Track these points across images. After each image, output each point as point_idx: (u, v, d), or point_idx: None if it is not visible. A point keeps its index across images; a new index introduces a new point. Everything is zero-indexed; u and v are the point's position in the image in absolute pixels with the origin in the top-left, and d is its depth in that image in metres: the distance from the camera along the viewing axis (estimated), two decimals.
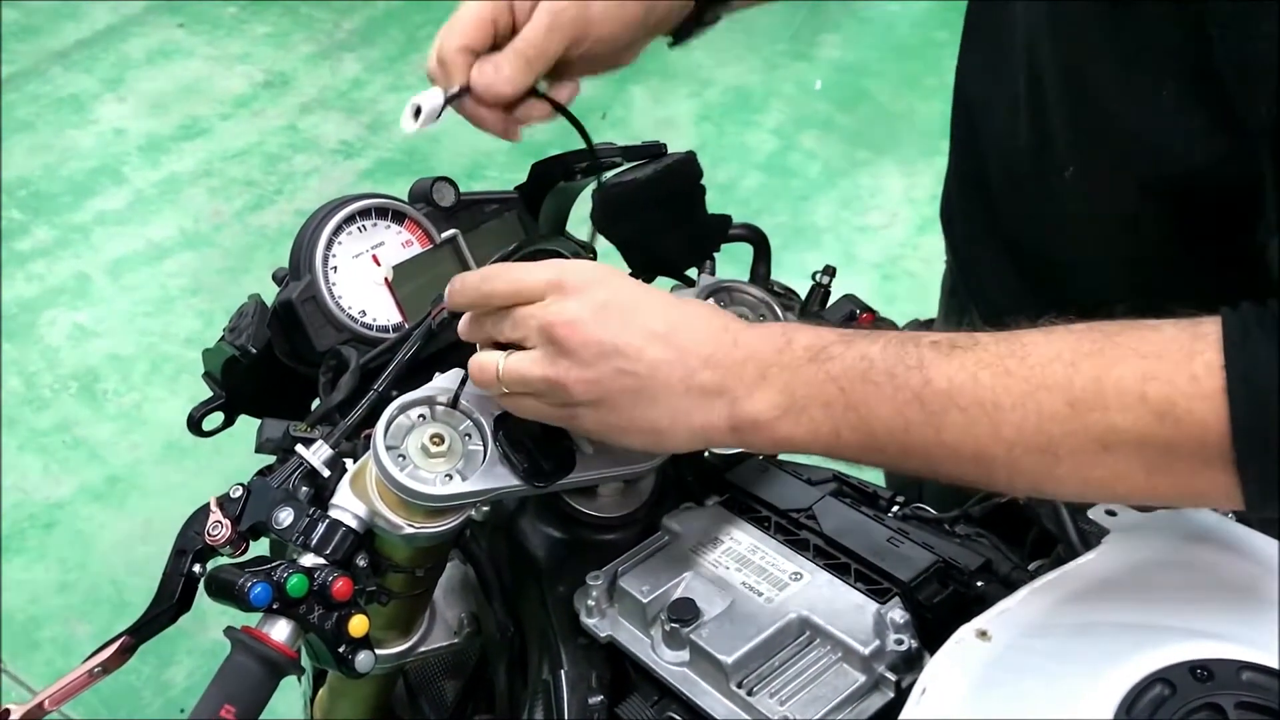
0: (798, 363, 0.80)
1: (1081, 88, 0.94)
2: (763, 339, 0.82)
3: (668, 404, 0.82)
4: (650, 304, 0.83)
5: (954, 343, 0.78)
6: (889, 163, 3.55)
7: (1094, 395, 0.73)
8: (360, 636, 0.88)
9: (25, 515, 2.58)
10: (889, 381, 0.78)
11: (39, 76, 3.88)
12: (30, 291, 3.13)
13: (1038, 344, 0.76)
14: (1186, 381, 0.71)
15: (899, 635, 0.85)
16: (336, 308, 1.04)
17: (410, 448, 0.89)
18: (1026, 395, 0.75)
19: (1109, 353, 0.74)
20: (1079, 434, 0.74)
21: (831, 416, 0.80)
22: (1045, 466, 0.76)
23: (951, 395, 0.76)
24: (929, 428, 0.77)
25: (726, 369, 0.81)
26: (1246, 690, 0.70)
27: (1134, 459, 0.74)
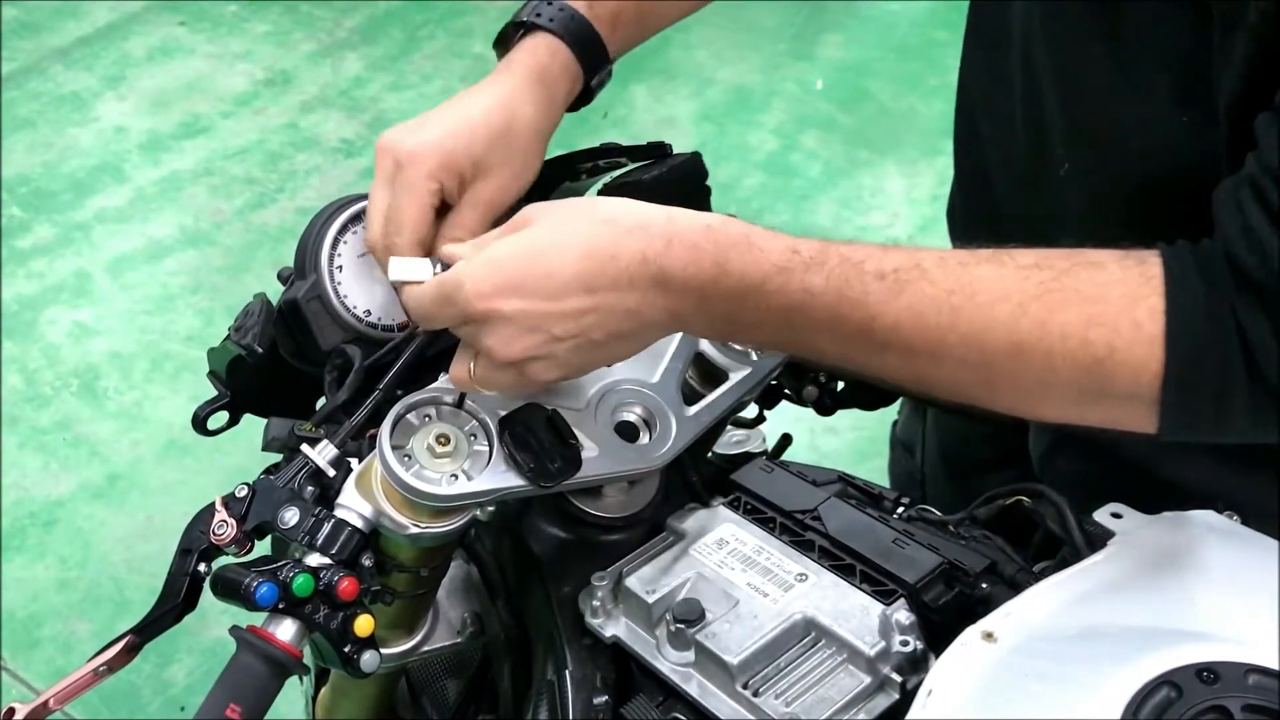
0: (737, 294, 0.80)
1: (1075, 86, 0.94)
2: (694, 267, 0.80)
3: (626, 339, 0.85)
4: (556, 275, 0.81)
5: (899, 275, 0.78)
6: (890, 163, 3.55)
7: (1038, 340, 0.76)
8: (366, 636, 0.88)
9: (26, 513, 2.58)
10: (832, 317, 0.79)
11: (40, 74, 3.88)
12: (31, 289, 3.13)
13: (985, 281, 0.77)
14: (1130, 327, 0.74)
15: (904, 637, 0.85)
16: (342, 307, 1.04)
17: (416, 447, 0.89)
18: (971, 336, 0.77)
19: (1055, 294, 0.76)
20: (1020, 372, 0.77)
21: (777, 340, 0.84)
22: (983, 395, 0.81)
23: (897, 332, 0.78)
24: (872, 357, 0.81)
25: (667, 302, 0.82)
26: (1253, 693, 0.70)
27: (1069, 394, 0.78)
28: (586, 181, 1.13)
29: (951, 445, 1.34)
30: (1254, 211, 0.74)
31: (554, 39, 1.02)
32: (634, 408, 0.97)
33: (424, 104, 3.77)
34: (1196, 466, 0.95)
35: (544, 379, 0.86)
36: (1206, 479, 0.90)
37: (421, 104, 3.78)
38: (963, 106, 1.15)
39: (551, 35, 1.02)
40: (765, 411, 1.16)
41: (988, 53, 1.08)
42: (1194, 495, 0.88)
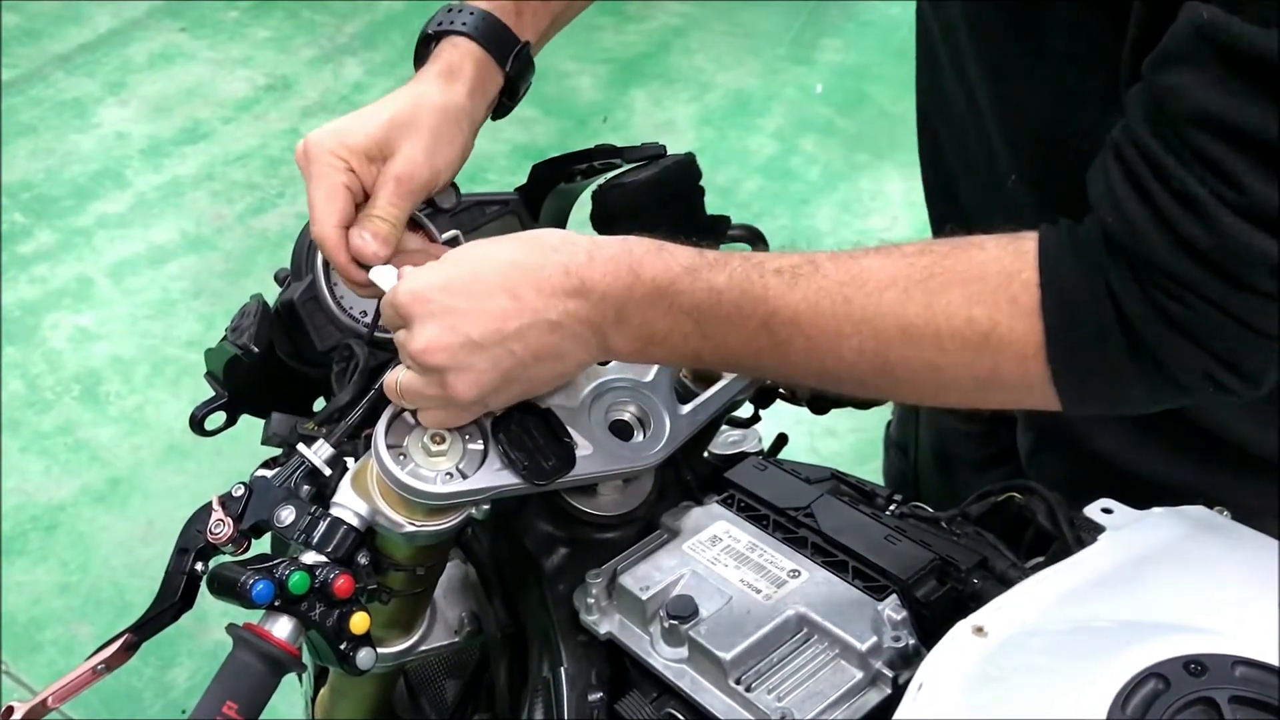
0: (650, 299, 0.83)
1: (1007, 95, 0.96)
2: (611, 277, 0.83)
3: (550, 358, 0.86)
4: (483, 279, 0.84)
5: (796, 270, 0.81)
6: (889, 166, 3.56)
7: (925, 322, 0.78)
8: (361, 634, 0.89)
9: (27, 517, 2.58)
10: (737, 313, 0.82)
11: (41, 80, 3.89)
12: (33, 294, 3.14)
13: (874, 270, 0.80)
14: (1007, 302, 0.76)
15: (896, 632, 0.85)
16: (338, 308, 1.04)
17: (411, 446, 0.89)
18: (864, 322, 0.79)
19: (939, 277, 0.78)
20: (912, 358, 0.79)
21: (689, 343, 0.84)
22: (884, 383, 0.84)
23: (796, 324, 0.81)
24: (777, 352, 0.82)
25: (588, 314, 0.84)
26: (1240, 685, 0.70)
27: (963, 376, 0.79)
28: (581, 183, 1.14)
29: (943, 446, 1.35)
30: (1116, 177, 0.75)
31: (458, 37, 1.05)
32: (628, 406, 0.98)
33: None
34: (1181, 466, 0.96)
35: (462, 395, 0.85)
36: (1190, 479, 0.91)
37: None
38: (921, 122, 1.16)
39: (456, 35, 1.05)
40: (760, 411, 1.17)
41: (930, 64, 1.09)
42: (1177, 494, 0.88)
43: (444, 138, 1.01)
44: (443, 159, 1.01)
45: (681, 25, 4.11)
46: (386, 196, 0.97)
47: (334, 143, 0.97)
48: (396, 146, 0.99)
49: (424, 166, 0.99)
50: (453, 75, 1.03)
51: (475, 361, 0.84)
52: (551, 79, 3.89)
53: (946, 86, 1.04)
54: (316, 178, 0.97)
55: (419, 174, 0.99)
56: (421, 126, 1.00)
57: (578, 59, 3.93)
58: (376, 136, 0.98)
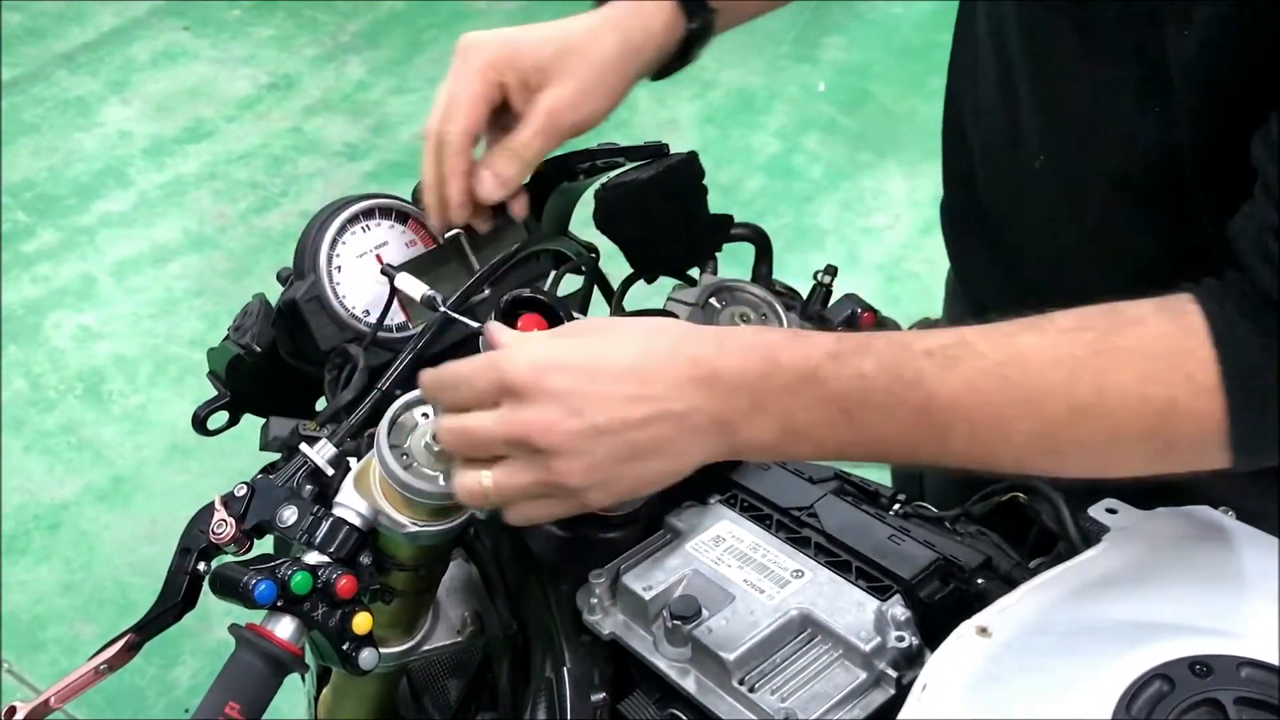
0: (790, 388, 0.78)
1: (1049, 81, 0.95)
2: (745, 366, 0.78)
3: (668, 454, 0.80)
4: (610, 362, 0.78)
5: (948, 352, 0.77)
6: (892, 164, 3.56)
7: (1097, 401, 0.75)
8: (364, 634, 0.88)
9: (30, 516, 2.59)
10: (889, 400, 0.77)
11: (44, 79, 3.89)
12: (36, 293, 3.14)
13: (1034, 350, 0.77)
14: (1183, 380, 0.74)
15: (900, 632, 0.85)
16: (340, 307, 1.04)
17: (414, 446, 0.89)
18: (1030, 403, 0.76)
19: (1105, 355, 0.76)
20: (1085, 437, 0.77)
21: (835, 436, 0.79)
22: (1053, 463, 0.80)
23: (956, 408, 0.77)
24: (936, 440, 0.78)
25: (717, 407, 0.78)
26: (1245, 686, 0.70)
27: (1138, 452, 0.77)
28: (584, 182, 1.14)
29: None
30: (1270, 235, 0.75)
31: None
32: None
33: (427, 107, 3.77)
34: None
35: (570, 481, 0.78)
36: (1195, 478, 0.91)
37: (424, 107, 3.77)
38: (948, 105, 1.16)
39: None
40: None
41: (969, 50, 1.09)
42: (1182, 493, 0.88)
43: (603, 84, 0.98)
44: (594, 105, 0.98)
45: None
46: (533, 130, 0.95)
47: (497, 52, 0.95)
48: (554, 79, 0.95)
49: (576, 109, 0.97)
50: (638, 18, 0.99)
51: (593, 449, 0.77)
52: None
53: (981, 67, 1.03)
54: (464, 78, 0.94)
55: (569, 116, 0.96)
56: (585, 65, 0.96)
57: None
58: (541, 62, 0.95)
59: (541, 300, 0.97)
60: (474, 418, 0.79)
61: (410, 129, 3.71)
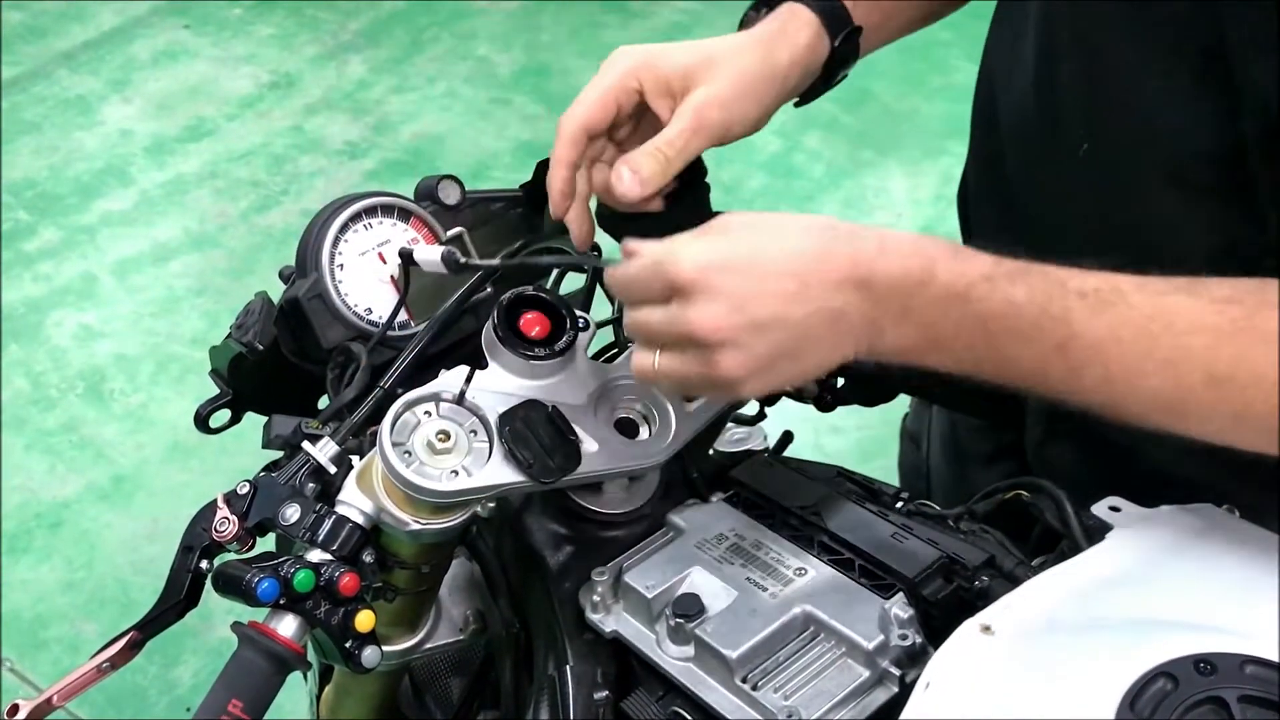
0: (941, 301, 0.81)
1: (1098, 66, 0.94)
2: (903, 272, 0.81)
3: (821, 350, 0.83)
4: (772, 261, 0.81)
5: (1101, 296, 0.80)
6: (893, 163, 3.56)
7: (1233, 375, 0.78)
8: (366, 632, 0.88)
9: (32, 515, 2.59)
10: (1034, 331, 0.80)
11: (45, 78, 3.89)
12: (37, 292, 3.14)
13: (1183, 312, 0.79)
14: None
15: (903, 630, 0.85)
16: (343, 305, 1.04)
17: (416, 444, 0.89)
18: (1167, 363, 0.79)
19: (1248, 333, 0.78)
20: (1213, 406, 0.79)
21: (974, 354, 0.82)
22: (1175, 423, 0.81)
23: (1096, 351, 0.79)
24: (1069, 377, 0.81)
25: (870, 308, 0.81)
26: (1250, 684, 0.70)
27: (1260, 430, 0.79)
28: None
29: (954, 437, 1.35)
30: None
31: (798, 5, 1.01)
32: (634, 404, 0.98)
33: (428, 106, 3.81)
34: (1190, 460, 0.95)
35: (731, 374, 0.81)
36: (1199, 472, 0.91)
37: (425, 106, 3.80)
38: (982, 83, 1.14)
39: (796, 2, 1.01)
40: (766, 409, 1.16)
41: (1010, 29, 1.07)
42: (1187, 488, 0.88)
43: (751, 94, 0.98)
44: (741, 112, 0.98)
45: (686, 22, 4.11)
46: (679, 128, 0.94)
47: (641, 58, 0.96)
48: (700, 83, 0.95)
49: (725, 107, 0.96)
50: (783, 37, 1.00)
51: (753, 343, 0.80)
52: (557, 76, 3.89)
53: (1022, 46, 1.02)
54: (599, 77, 0.96)
55: (716, 113, 0.96)
56: (733, 73, 0.96)
57: (583, 55, 3.93)
58: (685, 68, 0.95)
59: (544, 299, 0.97)
60: (646, 313, 0.83)
61: (411, 127, 3.70)
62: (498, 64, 3.99)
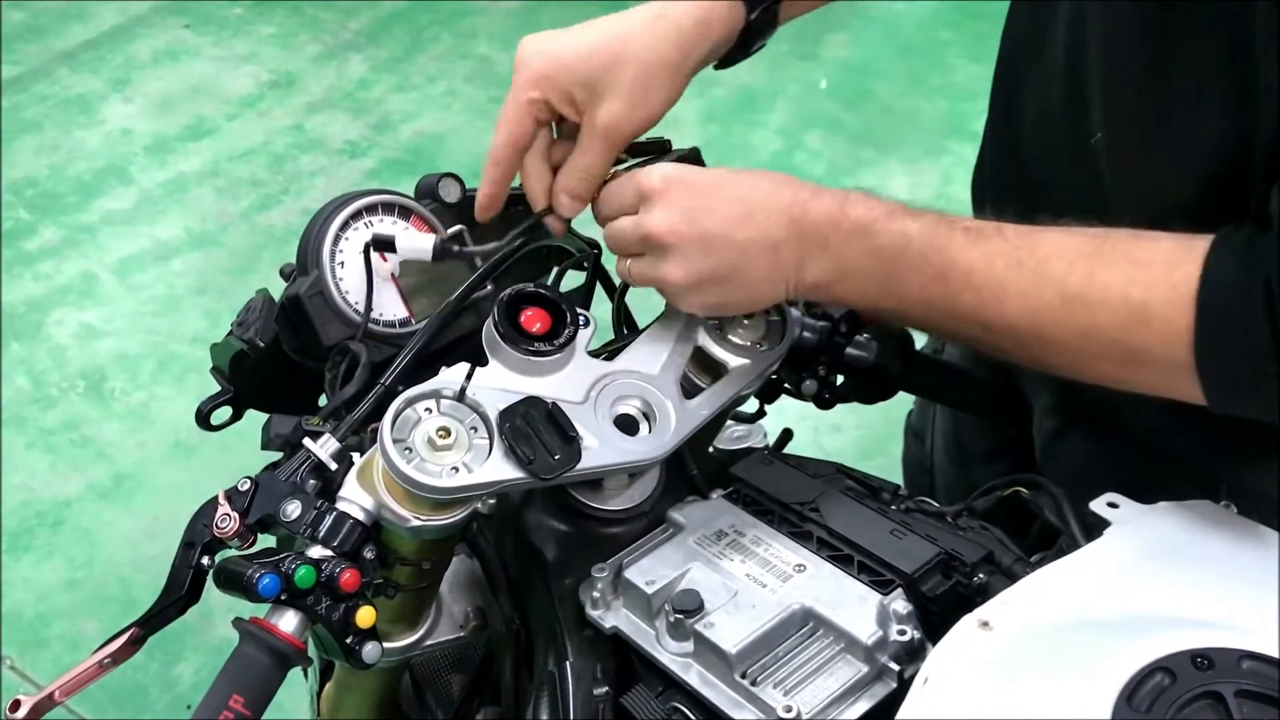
0: (851, 234, 0.90)
1: (1118, 58, 0.94)
2: (826, 211, 0.91)
3: (752, 278, 0.92)
4: (727, 186, 0.92)
5: (981, 231, 0.88)
6: (894, 162, 3.56)
7: (1082, 292, 0.83)
8: (367, 628, 0.88)
9: (33, 513, 2.59)
10: (920, 259, 0.89)
11: (46, 77, 3.90)
12: (38, 291, 3.14)
13: (1049, 241, 0.86)
14: (1166, 289, 0.80)
15: (902, 626, 0.85)
16: (344, 302, 1.04)
17: (417, 441, 0.89)
18: (1029, 285, 0.85)
19: (1105, 254, 0.83)
20: (1066, 324, 0.85)
21: (874, 284, 0.91)
22: (1038, 348, 0.88)
23: (969, 277, 0.87)
24: (948, 303, 0.89)
25: (798, 240, 0.91)
26: (1247, 678, 0.70)
27: (1111, 351, 0.84)
28: None
29: (957, 433, 1.35)
30: None
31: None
32: (633, 401, 0.98)
33: (428, 105, 3.81)
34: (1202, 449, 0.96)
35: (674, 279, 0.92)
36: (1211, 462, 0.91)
37: (426, 104, 3.81)
38: (1002, 68, 1.15)
39: None
40: (765, 406, 1.17)
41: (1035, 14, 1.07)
42: (1199, 479, 0.88)
43: (657, 88, 0.99)
44: (648, 110, 1.00)
45: None
46: (592, 151, 0.99)
47: (542, 69, 0.98)
48: (605, 95, 0.97)
49: (629, 121, 0.99)
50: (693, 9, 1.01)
51: (696, 255, 0.91)
52: None
53: (1046, 34, 1.03)
54: (512, 94, 1.00)
55: (624, 129, 0.99)
56: (635, 73, 0.98)
57: None
58: (589, 77, 0.97)
59: (544, 295, 0.97)
60: (620, 221, 0.95)
61: (411, 126, 3.71)
62: (498, 63, 3.99)
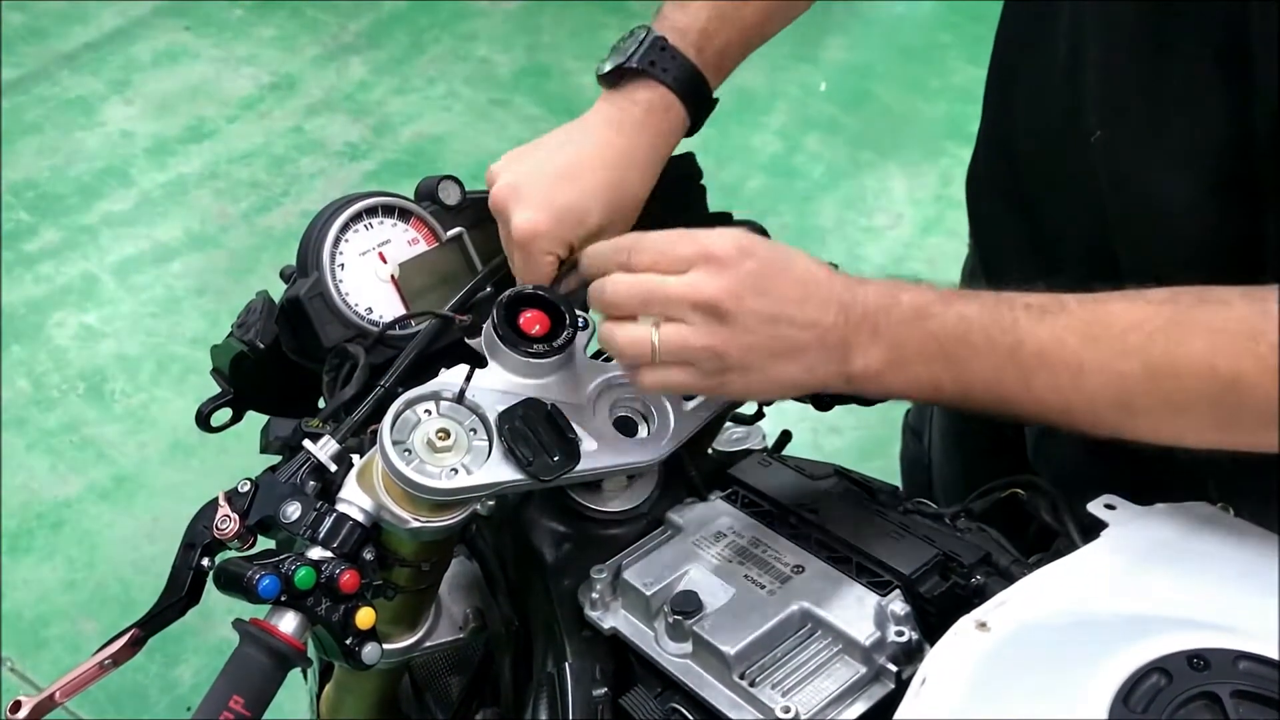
0: (905, 320, 0.87)
1: (1119, 56, 0.95)
2: (878, 296, 0.88)
3: (805, 360, 0.88)
4: (790, 268, 0.88)
5: (1044, 307, 0.85)
6: (893, 164, 3.56)
7: (1168, 364, 0.81)
8: (367, 629, 0.89)
9: (33, 514, 2.59)
10: (985, 342, 0.85)
11: (46, 79, 3.89)
12: (38, 292, 3.14)
13: (1120, 312, 0.83)
14: (1252, 360, 0.78)
15: (900, 627, 0.86)
16: (343, 304, 1.05)
17: (416, 442, 0.90)
18: (1108, 360, 0.82)
19: (1184, 326, 0.81)
20: (1154, 396, 0.82)
21: (932, 371, 0.87)
22: (1123, 419, 0.85)
23: (1042, 357, 0.84)
24: (1019, 383, 0.85)
25: (845, 327, 0.87)
26: (1243, 679, 0.70)
27: (1205, 419, 0.82)
28: None
29: (954, 430, 1.35)
30: None
31: (668, 93, 1.07)
32: (632, 403, 0.98)
33: (428, 107, 3.81)
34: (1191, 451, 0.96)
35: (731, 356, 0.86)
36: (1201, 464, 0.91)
37: (426, 107, 3.81)
38: (997, 66, 1.15)
39: (666, 89, 1.07)
40: (764, 408, 1.17)
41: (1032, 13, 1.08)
42: (1188, 480, 0.89)
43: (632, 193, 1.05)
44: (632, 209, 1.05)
45: None
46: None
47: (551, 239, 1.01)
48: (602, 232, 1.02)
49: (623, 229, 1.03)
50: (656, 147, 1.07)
51: (759, 330, 0.86)
52: (556, 77, 3.90)
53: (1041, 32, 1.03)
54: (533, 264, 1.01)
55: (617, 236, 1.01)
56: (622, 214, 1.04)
57: (582, 57, 3.94)
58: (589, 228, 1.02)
59: (543, 297, 0.97)
60: (666, 276, 0.87)
61: (411, 128, 3.71)
62: (498, 65, 3.99)
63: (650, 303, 0.87)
